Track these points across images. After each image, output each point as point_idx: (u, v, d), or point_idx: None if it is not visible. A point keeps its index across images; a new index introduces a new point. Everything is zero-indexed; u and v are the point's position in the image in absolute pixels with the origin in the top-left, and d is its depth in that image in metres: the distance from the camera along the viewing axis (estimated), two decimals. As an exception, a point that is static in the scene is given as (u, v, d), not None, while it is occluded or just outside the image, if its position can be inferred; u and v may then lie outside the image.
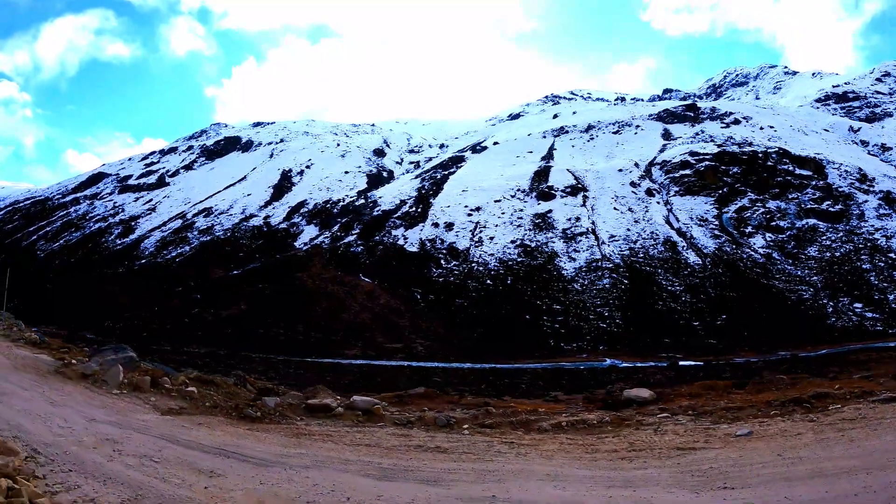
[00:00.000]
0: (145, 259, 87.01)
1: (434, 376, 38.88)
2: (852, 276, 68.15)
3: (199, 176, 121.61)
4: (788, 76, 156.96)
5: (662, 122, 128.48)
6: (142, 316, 66.49)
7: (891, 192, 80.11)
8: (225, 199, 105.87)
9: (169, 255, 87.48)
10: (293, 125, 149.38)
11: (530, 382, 34.94)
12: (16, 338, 19.98)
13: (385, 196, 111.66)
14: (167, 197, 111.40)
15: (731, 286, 69.80)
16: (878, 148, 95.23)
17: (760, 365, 36.40)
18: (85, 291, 74.90)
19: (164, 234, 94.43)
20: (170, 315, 67.00)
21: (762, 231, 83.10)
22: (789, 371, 35.02)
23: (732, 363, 42.65)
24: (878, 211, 77.85)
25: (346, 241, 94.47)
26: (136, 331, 62.24)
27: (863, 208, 79.32)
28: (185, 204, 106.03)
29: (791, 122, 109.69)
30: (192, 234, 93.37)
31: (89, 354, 16.77)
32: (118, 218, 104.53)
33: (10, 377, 12.06)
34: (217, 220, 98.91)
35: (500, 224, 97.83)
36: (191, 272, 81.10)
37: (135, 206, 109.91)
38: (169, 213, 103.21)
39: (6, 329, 22.78)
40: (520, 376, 39.19)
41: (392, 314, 67.89)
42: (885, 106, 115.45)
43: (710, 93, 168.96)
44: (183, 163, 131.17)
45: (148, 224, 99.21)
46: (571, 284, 74.99)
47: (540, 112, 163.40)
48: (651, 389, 18.89)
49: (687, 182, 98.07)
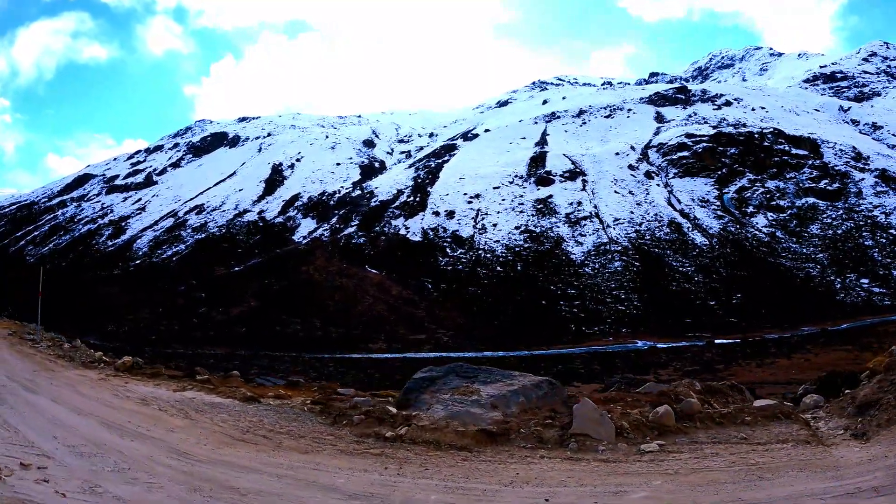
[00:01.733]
0: (140, 259, 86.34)
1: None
2: (856, 253, 71.13)
3: (188, 173, 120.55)
4: (774, 58, 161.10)
5: (654, 105, 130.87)
6: (145, 318, 66.16)
7: (886, 169, 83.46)
8: (216, 196, 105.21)
9: (165, 255, 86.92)
10: (279, 119, 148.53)
11: (585, 367, 36.07)
12: (86, 360, 15.01)
13: (381, 186, 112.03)
14: (156, 196, 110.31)
15: (740, 265, 72.28)
16: (869, 127, 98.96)
17: (795, 340, 38.30)
18: (81, 295, 73.96)
19: (157, 233, 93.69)
20: (176, 315, 66.78)
21: (763, 210, 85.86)
22: (828, 344, 37.06)
23: (766, 339, 44.62)
24: (876, 188, 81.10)
25: (347, 233, 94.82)
26: (142, 333, 61.81)
27: (860, 186, 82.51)
28: (175, 202, 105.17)
29: (782, 103, 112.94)
30: (185, 233, 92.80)
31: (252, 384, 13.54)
32: (108, 219, 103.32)
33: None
34: (210, 216, 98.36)
35: (501, 211, 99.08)
36: (190, 270, 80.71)
37: (124, 206, 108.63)
38: (159, 211, 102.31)
39: (55, 347, 16.90)
40: (564, 362, 40.39)
41: (407, 305, 68.78)
42: (872, 85, 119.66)
43: (696, 75, 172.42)
44: (170, 161, 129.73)
45: (139, 224, 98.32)
46: (582, 269, 76.75)
47: (528, 98, 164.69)
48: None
49: (685, 164, 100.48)
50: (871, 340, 36.86)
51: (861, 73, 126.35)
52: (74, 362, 14.89)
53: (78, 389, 10.98)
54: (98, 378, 12.69)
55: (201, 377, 13.64)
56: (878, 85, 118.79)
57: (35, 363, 14.05)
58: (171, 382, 12.84)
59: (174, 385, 12.29)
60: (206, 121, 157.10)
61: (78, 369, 14.06)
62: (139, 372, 14.50)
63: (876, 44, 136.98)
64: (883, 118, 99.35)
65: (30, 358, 14.61)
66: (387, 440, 7.71)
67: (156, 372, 14.49)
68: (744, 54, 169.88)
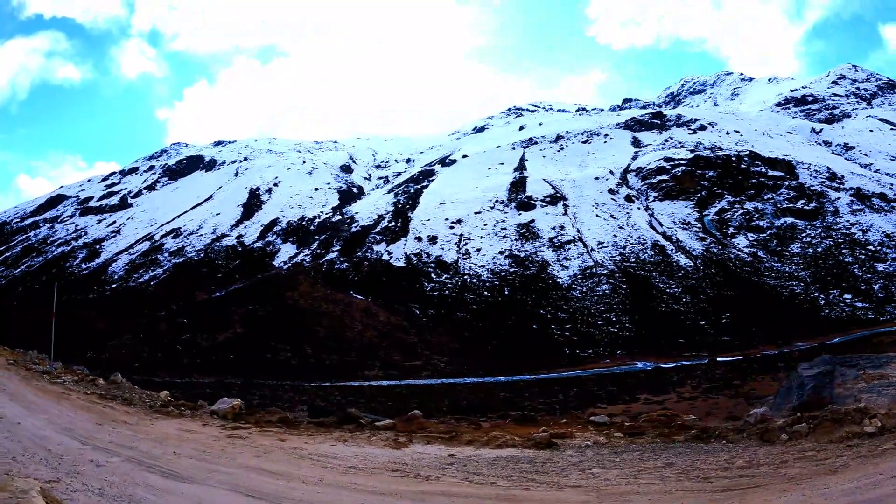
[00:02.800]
0: (116, 283, 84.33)
1: (479, 392, 39.22)
2: (837, 270, 73.03)
3: (163, 196, 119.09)
4: (745, 82, 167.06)
5: (630, 130, 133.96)
6: (127, 344, 64.27)
7: (861, 188, 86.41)
8: (193, 220, 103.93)
9: (141, 279, 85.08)
10: (255, 143, 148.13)
11: (601, 389, 35.87)
12: (151, 402, 12.48)
13: (361, 211, 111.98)
14: (131, 219, 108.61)
15: (725, 285, 73.52)
16: (841, 147, 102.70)
17: (796, 354, 38.87)
18: (57, 319, 71.50)
19: (133, 256, 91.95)
20: (158, 342, 65.05)
21: (744, 231, 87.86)
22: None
23: (766, 355, 45.24)
24: (851, 207, 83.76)
25: (329, 259, 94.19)
26: (125, 361, 59.88)
27: (836, 205, 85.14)
28: (150, 225, 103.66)
29: (755, 126, 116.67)
30: (162, 257, 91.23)
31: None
32: (81, 241, 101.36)
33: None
34: (187, 240, 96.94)
35: (484, 236, 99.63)
36: (170, 295, 79.00)
37: (98, 228, 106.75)
38: (135, 235, 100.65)
39: (86, 383, 14.50)
40: (575, 385, 40.22)
41: (398, 331, 68.15)
42: (842, 107, 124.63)
43: (668, 101, 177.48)
44: (145, 183, 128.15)
45: (114, 247, 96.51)
46: (570, 292, 77.17)
47: (505, 124, 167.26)
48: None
49: (665, 187, 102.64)
50: (871, 352, 37.54)
51: (831, 95, 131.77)
52: (137, 406, 11.91)
53: (235, 460, 7.53)
54: (223, 435, 9.28)
55: (374, 422, 10.75)
56: (848, 107, 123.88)
57: (82, 408, 10.55)
58: (335, 431, 9.87)
59: (348, 436, 9.41)
60: (181, 144, 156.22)
61: (160, 418, 10.75)
62: (256, 419, 10.98)
63: (845, 67, 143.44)
64: (854, 139, 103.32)
65: (67, 400, 11.35)
66: (872, 436, 6.67)
67: (285, 419, 11.28)
68: (715, 80, 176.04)
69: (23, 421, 8.44)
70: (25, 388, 12.02)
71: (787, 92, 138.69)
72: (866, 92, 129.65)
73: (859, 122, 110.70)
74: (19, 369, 14.87)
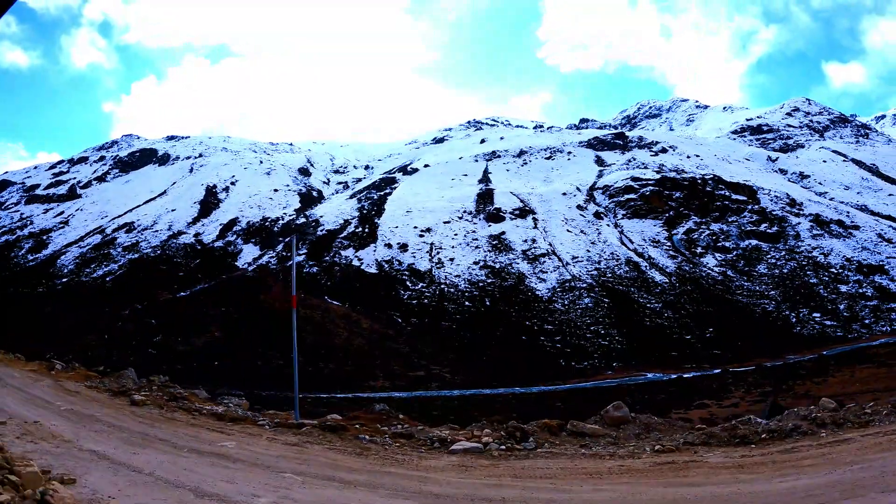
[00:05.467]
0: (66, 277, 79.48)
1: (501, 403, 39.46)
2: (805, 290, 78.37)
3: (115, 188, 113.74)
4: (700, 109, 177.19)
5: (593, 149, 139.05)
6: (93, 344, 60.55)
7: (819, 214, 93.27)
8: (147, 214, 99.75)
9: (95, 274, 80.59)
10: (210, 140, 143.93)
11: (634, 399, 36.85)
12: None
13: (326, 215, 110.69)
14: (80, 210, 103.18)
15: (703, 302, 77.38)
16: (797, 176, 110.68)
17: (809, 364, 41.67)
18: (6, 315, 66.59)
19: (84, 249, 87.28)
20: (126, 343, 61.67)
21: (711, 251, 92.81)
22: (844, 365, 40.66)
23: (775, 366, 48.04)
24: (812, 231, 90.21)
25: (297, 262, 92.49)
26: (92, 363, 56.41)
27: (797, 229, 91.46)
28: (101, 218, 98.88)
29: (714, 152, 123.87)
30: (115, 251, 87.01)
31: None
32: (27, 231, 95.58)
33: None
34: (142, 236, 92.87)
35: (455, 246, 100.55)
36: (129, 293, 75.21)
37: (45, 218, 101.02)
38: (84, 227, 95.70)
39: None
40: (600, 395, 41.20)
41: (386, 340, 67.53)
42: (796, 138, 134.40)
43: (624, 123, 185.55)
44: (95, 174, 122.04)
45: (62, 238, 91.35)
46: (552, 305, 78.96)
47: (465, 137, 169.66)
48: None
49: (633, 206, 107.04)
50: (870, 364, 40.92)
51: (786, 126, 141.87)
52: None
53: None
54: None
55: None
56: (802, 138, 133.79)
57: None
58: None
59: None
60: (133, 136, 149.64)
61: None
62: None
63: (799, 100, 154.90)
64: (809, 168, 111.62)
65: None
66: None
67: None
68: (671, 105, 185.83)
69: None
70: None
71: (742, 120, 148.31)
72: (819, 124, 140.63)
73: (813, 152, 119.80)
74: (109, 398, 10.99)
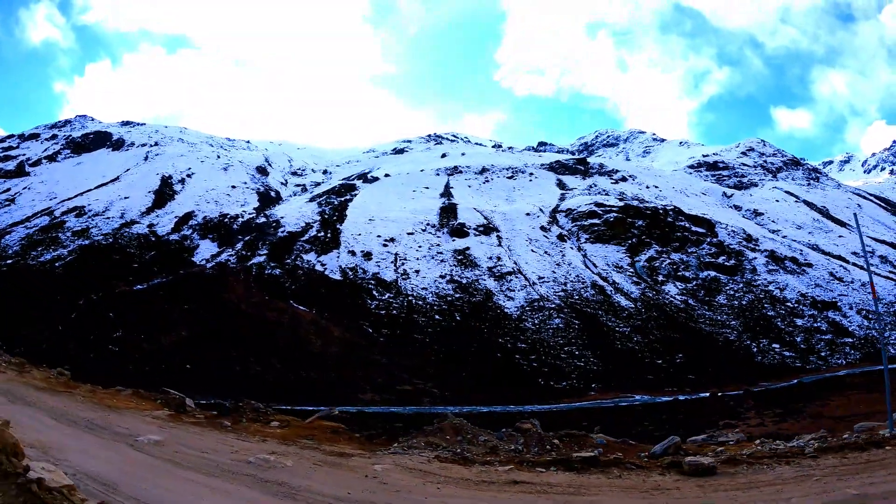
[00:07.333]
0: (11, 259, 74.18)
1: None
2: (763, 322, 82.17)
3: (65, 169, 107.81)
4: (657, 142, 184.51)
5: (555, 172, 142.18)
6: (46, 337, 56.37)
7: (774, 251, 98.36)
8: (99, 200, 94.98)
9: (42, 258, 75.54)
10: (166, 130, 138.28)
11: (646, 421, 37.35)
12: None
13: (287, 217, 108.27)
14: (28, 189, 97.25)
15: (668, 328, 79.84)
16: (751, 213, 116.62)
17: (795, 389, 43.60)
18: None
19: (30, 231, 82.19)
20: (83, 338, 57.75)
21: (672, 280, 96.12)
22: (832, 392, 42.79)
23: (763, 390, 49.95)
24: (767, 267, 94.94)
25: (257, 262, 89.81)
26: (46, 359, 52.44)
27: (754, 264, 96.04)
28: (50, 199, 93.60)
29: (672, 184, 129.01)
30: (64, 236, 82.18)
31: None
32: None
33: None
34: (93, 221, 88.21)
35: (420, 258, 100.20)
36: (80, 281, 70.74)
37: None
38: (32, 207, 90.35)
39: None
40: (604, 415, 41.55)
41: (361, 350, 66.11)
42: (750, 176, 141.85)
43: (582, 150, 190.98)
44: (46, 152, 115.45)
45: (8, 217, 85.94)
46: (523, 323, 79.58)
47: (426, 150, 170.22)
48: None
49: (597, 230, 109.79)
50: (857, 391, 43.33)
51: (740, 164, 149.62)
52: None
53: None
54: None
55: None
56: (756, 177, 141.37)
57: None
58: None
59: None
60: (87, 117, 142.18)
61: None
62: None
63: (754, 140, 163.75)
64: (762, 206, 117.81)
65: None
66: None
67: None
68: (628, 136, 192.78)
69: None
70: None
71: (698, 156, 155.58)
72: (772, 165, 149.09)
73: (766, 191, 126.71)
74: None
